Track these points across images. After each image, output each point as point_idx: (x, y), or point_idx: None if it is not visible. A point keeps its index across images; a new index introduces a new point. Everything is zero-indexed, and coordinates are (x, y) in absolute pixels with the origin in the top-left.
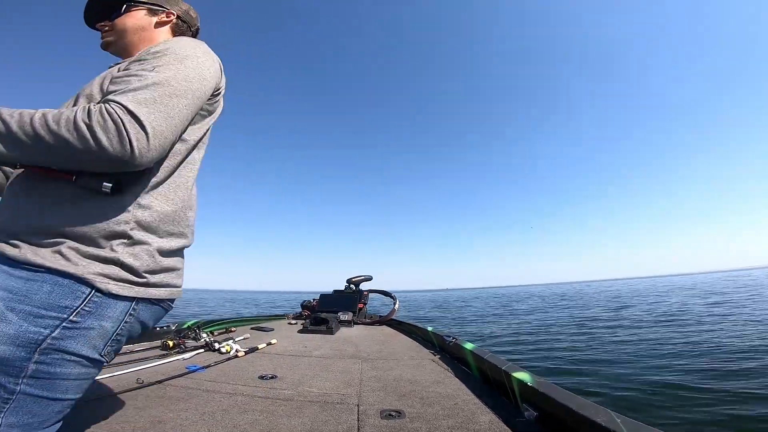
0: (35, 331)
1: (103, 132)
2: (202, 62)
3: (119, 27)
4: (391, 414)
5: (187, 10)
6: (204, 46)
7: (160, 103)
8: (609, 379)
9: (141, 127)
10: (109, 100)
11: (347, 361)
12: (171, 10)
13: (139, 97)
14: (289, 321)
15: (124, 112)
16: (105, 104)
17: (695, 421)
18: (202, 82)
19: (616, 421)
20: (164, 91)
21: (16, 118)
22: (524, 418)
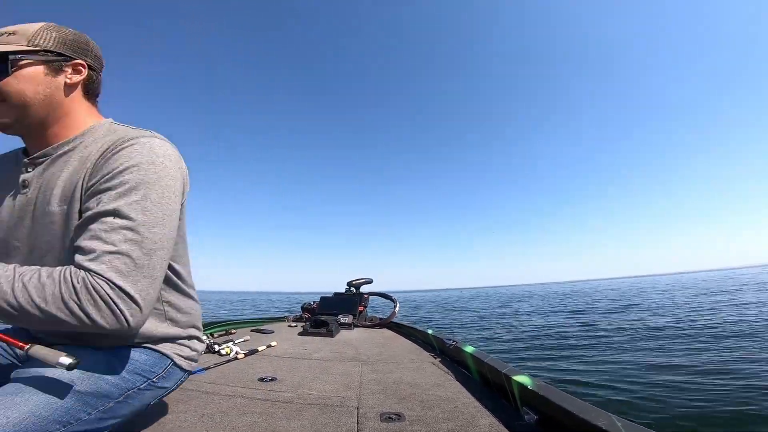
0: (132, 382)
1: (96, 311)
2: (172, 183)
3: (17, 99)
4: (390, 417)
5: (94, 51)
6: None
7: (142, 268)
8: (613, 379)
9: (132, 301)
10: (90, 270)
11: (347, 363)
12: (79, 59)
13: (120, 268)
14: (289, 323)
15: (111, 288)
16: (88, 276)
17: (698, 422)
18: (176, 208)
19: (616, 425)
20: (143, 251)
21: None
22: (524, 421)
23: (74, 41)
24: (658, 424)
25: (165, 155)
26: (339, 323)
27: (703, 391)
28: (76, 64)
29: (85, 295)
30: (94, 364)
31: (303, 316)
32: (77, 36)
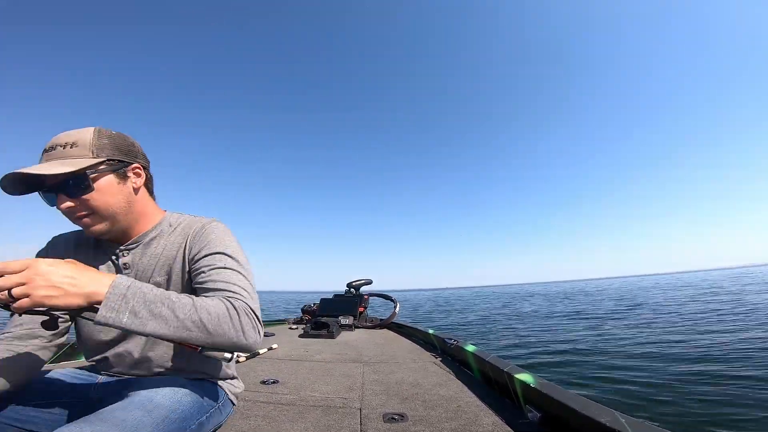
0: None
1: (251, 329)
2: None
3: (105, 210)
4: (393, 417)
5: (143, 152)
6: (230, 233)
7: (257, 300)
8: (616, 376)
9: (260, 324)
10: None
11: (349, 365)
12: (135, 162)
13: (249, 300)
14: (290, 326)
15: (253, 312)
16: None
17: (703, 419)
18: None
19: (620, 422)
20: (252, 293)
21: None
22: (527, 419)
23: (126, 146)
24: (662, 420)
25: (228, 231)
26: (340, 325)
27: (704, 388)
28: (134, 167)
29: (244, 316)
30: (188, 384)
31: (303, 318)
32: (123, 138)
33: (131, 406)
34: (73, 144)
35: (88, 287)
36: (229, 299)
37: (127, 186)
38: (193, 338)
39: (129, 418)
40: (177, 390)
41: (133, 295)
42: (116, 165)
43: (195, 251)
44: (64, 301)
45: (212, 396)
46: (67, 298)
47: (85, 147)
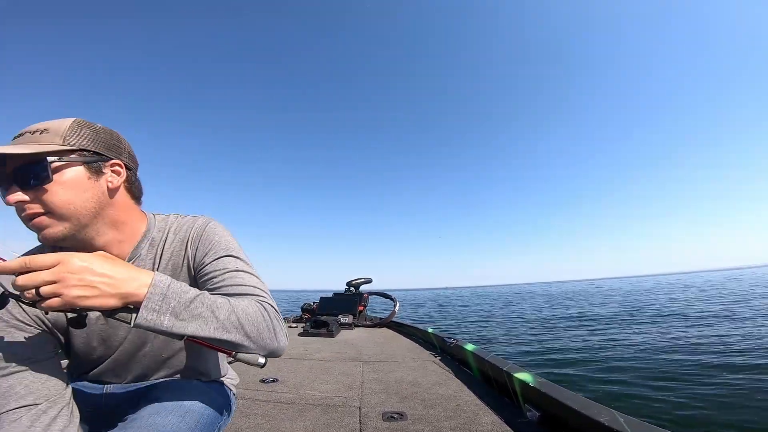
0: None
1: (281, 331)
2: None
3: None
4: (392, 416)
5: (128, 149)
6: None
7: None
8: (615, 375)
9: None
10: (266, 301)
11: (348, 363)
12: (115, 159)
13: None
14: (290, 324)
15: (279, 315)
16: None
17: (702, 418)
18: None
19: (619, 421)
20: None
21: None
22: (526, 418)
23: (109, 140)
24: (661, 420)
25: (229, 233)
26: (339, 323)
27: (705, 387)
28: (114, 163)
29: (275, 319)
30: (207, 389)
31: (303, 316)
32: (109, 133)
33: (164, 411)
34: (44, 130)
35: (126, 287)
36: (260, 302)
37: (99, 183)
38: (232, 340)
39: (166, 423)
40: (201, 394)
41: (174, 294)
42: (90, 157)
43: (200, 256)
44: (99, 302)
45: (225, 396)
46: (102, 299)
47: (57, 134)
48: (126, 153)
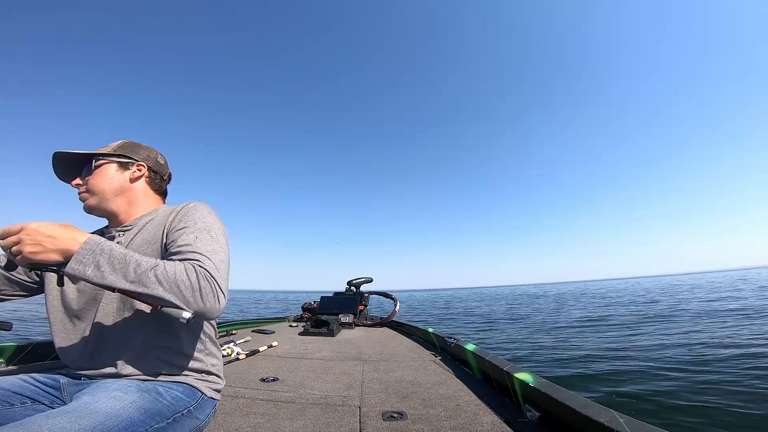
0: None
1: (209, 290)
2: (222, 230)
3: (97, 188)
4: (392, 416)
5: (155, 158)
6: (213, 213)
7: (219, 271)
8: (616, 376)
9: (221, 291)
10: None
11: (348, 363)
12: (141, 161)
13: (211, 266)
14: (290, 323)
15: (212, 277)
16: (197, 265)
17: (700, 419)
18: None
19: (619, 421)
20: (217, 262)
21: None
22: (526, 418)
23: (141, 150)
24: (662, 421)
25: (213, 213)
26: (340, 323)
27: (704, 387)
28: (139, 165)
29: (203, 280)
30: (146, 387)
31: (303, 316)
32: (143, 147)
33: (62, 412)
34: (106, 146)
35: (65, 245)
36: (190, 262)
37: (124, 175)
38: (149, 293)
39: (51, 425)
40: (125, 394)
41: (101, 251)
42: (122, 159)
43: (171, 229)
44: (45, 257)
45: (182, 398)
46: (47, 254)
47: (108, 147)
48: (153, 161)
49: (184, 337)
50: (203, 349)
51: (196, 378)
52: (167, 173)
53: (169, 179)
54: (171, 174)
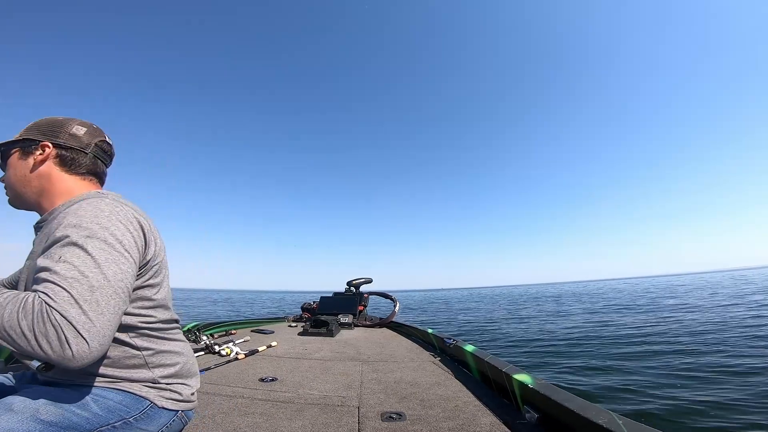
0: (105, 419)
1: (43, 337)
2: (114, 239)
3: (8, 182)
4: (391, 416)
5: (66, 131)
6: (117, 213)
7: (91, 303)
8: (615, 378)
9: (81, 334)
10: (46, 296)
11: (347, 363)
12: (44, 140)
13: (73, 297)
14: (289, 323)
15: (62, 316)
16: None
17: (699, 420)
18: (120, 259)
19: (617, 423)
20: (84, 287)
21: None
22: (525, 419)
23: (45, 125)
24: (660, 422)
25: (112, 211)
26: (339, 323)
27: (704, 388)
28: (43, 145)
29: (46, 322)
30: (63, 397)
31: (303, 316)
32: (50, 121)
33: None
34: None
35: None
36: (37, 296)
37: (27, 162)
38: None
39: None
40: (26, 404)
41: None
42: (26, 143)
43: (51, 231)
44: None
45: (119, 408)
46: None
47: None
48: (65, 135)
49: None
50: (156, 350)
51: (143, 384)
52: (91, 147)
53: (105, 155)
54: (106, 148)
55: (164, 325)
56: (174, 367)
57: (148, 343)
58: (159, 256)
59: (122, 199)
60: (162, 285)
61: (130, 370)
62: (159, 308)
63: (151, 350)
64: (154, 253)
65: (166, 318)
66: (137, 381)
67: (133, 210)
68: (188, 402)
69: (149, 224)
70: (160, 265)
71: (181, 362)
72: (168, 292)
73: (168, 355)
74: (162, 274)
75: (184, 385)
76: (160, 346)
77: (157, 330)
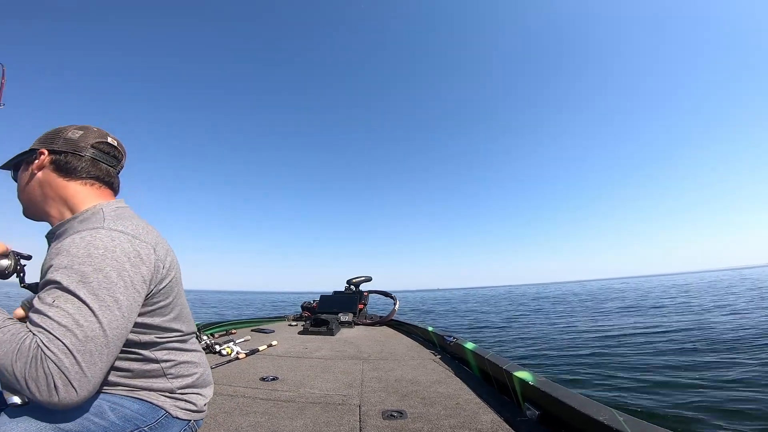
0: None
1: (33, 381)
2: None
3: (18, 194)
4: (392, 414)
5: (68, 138)
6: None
7: (84, 353)
8: (613, 375)
9: (71, 383)
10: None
11: (348, 362)
12: (41, 148)
13: (66, 346)
14: (290, 322)
15: (53, 367)
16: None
17: (702, 415)
18: (119, 297)
19: (618, 420)
20: (78, 337)
21: None
22: (526, 417)
23: (45, 134)
24: (660, 419)
25: (107, 247)
26: (339, 322)
27: (704, 389)
28: (39, 152)
29: (40, 367)
30: (83, 405)
31: (303, 315)
32: (52, 129)
33: None
34: None
35: None
36: (33, 339)
37: (28, 171)
38: None
39: None
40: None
41: None
42: (28, 154)
43: (47, 263)
44: None
45: (135, 416)
46: None
47: None
48: (61, 141)
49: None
50: (176, 362)
51: (161, 394)
52: (87, 149)
53: (107, 156)
54: (107, 149)
55: (183, 337)
56: (191, 377)
57: (167, 355)
58: (170, 276)
59: (123, 223)
60: (176, 301)
61: (149, 380)
62: (176, 321)
63: (170, 362)
64: (164, 274)
65: (185, 330)
66: (155, 390)
67: (133, 237)
68: (200, 412)
69: (155, 246)
70: (173, 282)
71: (199, 372)
72: (184, 306)
73: (186, 366)
74: (175, 291)
75: (199, 395)
76: (179, 357)
77: (176, 342)
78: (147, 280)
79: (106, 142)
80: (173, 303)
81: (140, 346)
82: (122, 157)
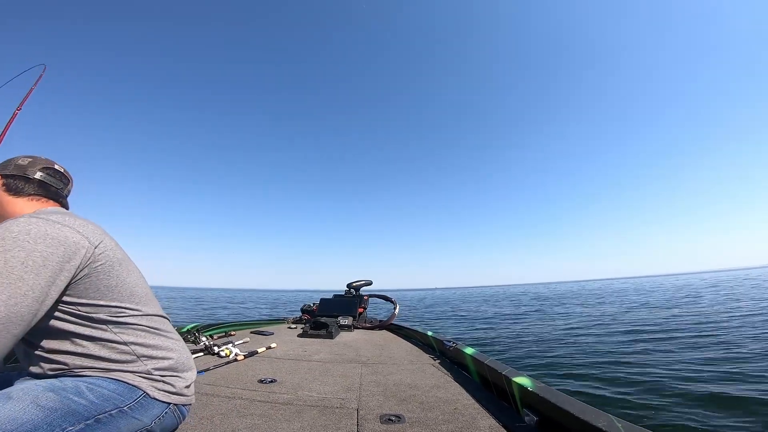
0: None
1: None
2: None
3: None
4: (390, 418)
5: (18, 164)
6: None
7: None
8: (614, 381)
9: None
10: None
11: (347, 365)
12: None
13: None
14: (289, 325)
15: None
16: None
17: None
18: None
19: (617, 426)
20: None
21: None
22: (525, 423)
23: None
24: (659, 426)
25: (22, 231)
26: (339, 325)
27: (704, 392)
28: None
29: None
30: (59, 386)
31: (302, 317)
32: (4, 161)
33: None
34: None
35: None
36: None
37: None
38: None
39: None
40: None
41: None
42: None
43: None
44: None
45: (113, 396)
46: None
47: None
48: (11, 166)
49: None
50: (146, 344)
51: (137, 375)
52: (34, 173)
53: (53, 179)
54: (52, 173)
55: (148, 319)
56: (167, 361)
57: (134, 337)
58: (104, 257)
59: (47, 214)
60: (122, 281)
61: (123, 364)
62: (128, 300)
63: (140, 345)
64: (95, 254)
65: (143, 310)
66: (130, 372)
67: (53, 222)
68: (181, 395)
69: (81, 229)
70: (111, 263)
71: (174, 357)
72: (138, 287)
73: (159, 350)
74: (116, 271)
75: (178, 377)
76: (150, 340)
77: (140, 324)
78: (68, 260)
79: (53, 168)
80: (118, 283)
81: (97, 324)
82: (69, 182)
